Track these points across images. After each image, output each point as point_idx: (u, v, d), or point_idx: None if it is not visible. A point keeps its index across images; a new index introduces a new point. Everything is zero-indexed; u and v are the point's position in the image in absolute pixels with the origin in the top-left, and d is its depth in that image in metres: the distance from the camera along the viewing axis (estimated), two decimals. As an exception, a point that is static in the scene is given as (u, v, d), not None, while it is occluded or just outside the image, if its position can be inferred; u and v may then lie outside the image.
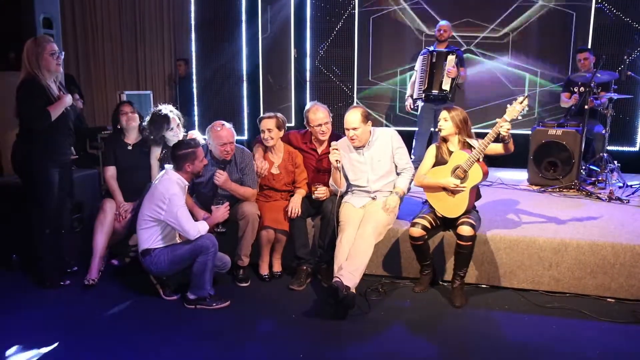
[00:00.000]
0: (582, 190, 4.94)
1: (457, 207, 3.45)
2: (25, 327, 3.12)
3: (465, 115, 3.53)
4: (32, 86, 3.31)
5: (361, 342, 2.96)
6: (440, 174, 3.49)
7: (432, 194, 3.57)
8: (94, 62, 7.68)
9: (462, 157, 3.40)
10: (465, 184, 3.39)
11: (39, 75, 3.33)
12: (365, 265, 3.36)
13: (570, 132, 5.19)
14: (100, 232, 3.76)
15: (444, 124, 3.50)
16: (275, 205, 3.84)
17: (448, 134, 3.52)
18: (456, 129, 3.49)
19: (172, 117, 3.89)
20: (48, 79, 3.38)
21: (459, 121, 3.48)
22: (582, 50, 5.62)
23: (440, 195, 3.51)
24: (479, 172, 3.37)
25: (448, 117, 3.49)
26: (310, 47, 7.25)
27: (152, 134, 3.90)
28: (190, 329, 3.10)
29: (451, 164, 3.45)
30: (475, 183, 3.41)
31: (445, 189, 3.46)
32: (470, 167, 3.36)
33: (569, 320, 3.20)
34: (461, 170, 3.38)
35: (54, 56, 3.36)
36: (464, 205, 3.41)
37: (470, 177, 3.38)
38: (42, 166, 3.46)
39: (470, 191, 3.41)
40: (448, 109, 3.54)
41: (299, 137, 4.07)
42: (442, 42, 5.72)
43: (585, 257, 3.47)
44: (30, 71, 3.32)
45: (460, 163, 3.39)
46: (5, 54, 4.13)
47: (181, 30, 7.52)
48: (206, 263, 3.27)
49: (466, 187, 3.39)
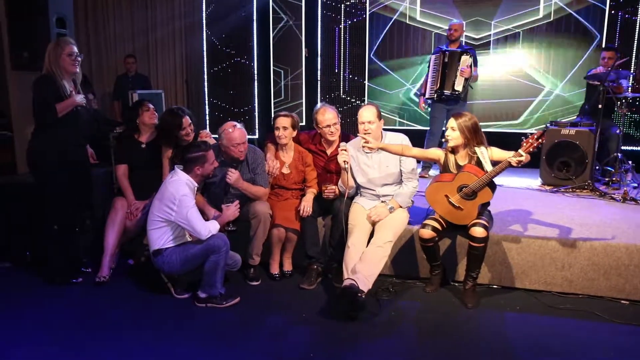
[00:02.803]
0: (596, 191, 4.89)
1: (464, 218, 3.40)
2: (36, 323, 3.15)
3: (475, 121, 3.37)
4: (46, 82, 3.43)
5: (371, 342, 2.95)
6: (445, 189, 3.41)
7: (437, 205, 3.47)
8: (106, 61, 7.74)
9: (469, 178, 3.29)
10: (473, 202, 3.33)
11: (56, 74, 3.44)
12: (379, 271, 3.35)
13: (584, 132, 5.14)
14: (112, 230, 3.79)
15: (452, 133, 3.37)
16: (286, 204, 3.85)
17: (456, 145, 3.40)
18: (464, 139, 3.35)
19: (184, 117, 3.90)
20: (64, 79, 3.47)
21: (466, 129, 3.33)
22: (609, 49, 5.52)
23: (446, 206, 3.42)
24: (489, 195, 3.32)
25: (456, 125, 3.35)
26: (321, 46, 7.25)
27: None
28: (201, 327, 3.11)
29: (457, 182, 3.35)
30: (483, 202, 3.37)
31: (450, 202, 3.39)
32: (479, 190, 3.30)
33: (581, 321, 3.16)
34: (469, 190, 3.30)
35: (71, 57, 3.47)
36: (473, 217, 3.36)
37: (479, 197, 3.32)
38: (52, 165, 3.52)
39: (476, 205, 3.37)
40: (456, 116, 3.39)
41: (309, 138, 4.07)
42: (453, 41, 5.67)
43: (598, 258, 3.43)
44: (49, 69, 3.45)
45: (469, 184, 3.29)
46: (20, 54, 4.18)
47: (192, 29, 7.55)
48: (218, 262, 3.28)
49: (473, 203, 3.33)
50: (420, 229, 3.44)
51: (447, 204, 3.41)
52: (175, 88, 7.72)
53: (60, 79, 3.44)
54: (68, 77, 3.50)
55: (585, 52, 6.36)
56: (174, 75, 7.72)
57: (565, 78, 6.51)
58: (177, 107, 3.97)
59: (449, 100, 5.59)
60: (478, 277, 3.45)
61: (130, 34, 7.69)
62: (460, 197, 3.35)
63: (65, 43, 3.48)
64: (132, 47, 7.66)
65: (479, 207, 3.36)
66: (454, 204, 3.37)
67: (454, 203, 3.37)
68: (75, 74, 3.55)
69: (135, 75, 7.06)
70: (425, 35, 6.89)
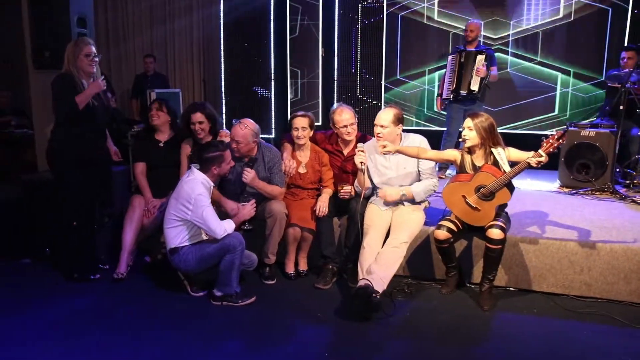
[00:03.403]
0: (616, 193, 4.81)
1: (482, 219, 3.36)
2: (53, 319, 3.19)
3: (491, 122, 3.35)
4: (65, 79, 3.51)
5: (386, 343, 2.94)
6: (463, 190, 3.38)
7: (454, 206, 3.45)
8: (125, 60, 7.82)
9: (487, 179, 3.27)
10: (491, 202, 3.31)
11: (74, 73, 3.51)
12: (395, 272, 3.34)
13: (604, 133, 5.05)
14: (129, 228, 3.83)
15: (469, 133, 3.36)
16: (302, 204, 3.86)
17: (473, 145, 3.37)
18: (480, 138, 3.33)
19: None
20: (82, 78, 3.54)
21: (483, 130, 3.31)
22: (629, 49, 5.42)
23: (463, 207, 3.40)
24: (507, 196, 3.29)
25: (472, 125, 3.33)
26: (338, 46, 7.24)
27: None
28: (216, 325, 3.13)
29: (475, 182, 3.32)
30: (501, 203, 3.34)
31: (468, 202, 3.36)
32: (497, 191, 3.27)
33: (600, 326, 3.12)
34: (487, 190, 3.28)
35: (88, 58, 3.53)
36: (490, 218, 3.33)
37: (497, 197, 3.29)
38: (71, 162, 3.58)
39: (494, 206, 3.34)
40: (472, 116, 3.38)
41: (325, 137, 4.07)
42: (471, 42, 5.62)
43: (618, 262, 3.38)
44: (68, 68, 3.52)
45: (487, 184, 3.26)
46: (42, 54, 4.25)
47: (210, 29, 7.59)
48: (233, 261, 3.30)
49: (491, 204, 3.31)
50: (435, 229, 3.42)
51: (464, 205, 3.38)
52: (193, 87, 7.78)
53: (78, 78, 3.51)
54: (86, 77, 3.56)
55: (606, 52, 6.26)
56: (191, 74, 7.78)
57: (585, 78, 6.42)
58: (198, 103, 4.00)
59: (465, 100, 5.55)
60: (495, 280, 3.43)
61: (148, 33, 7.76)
62: (477, 197, 3.32)
63: (84, 43, 3.54)
64: (151, 47, 7.73)
65: (496, 208, 3.33)
66: (471, 204, 3.35)
67: (471, 204, 3.35)
68: (93, 74, 3.60)
69: (153, 74, 7.15)
70: (443, 35, 6.84)
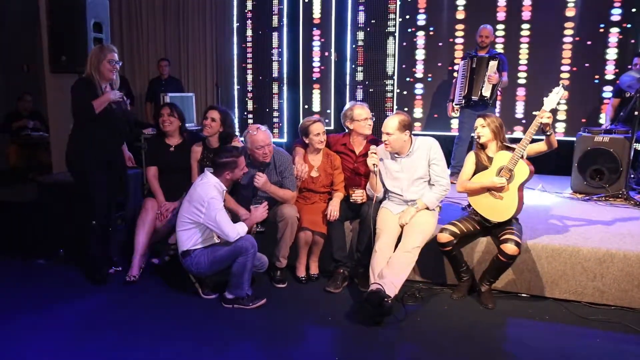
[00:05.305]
0: (630, 200, 4.77)
1: (507, 209, 3.40)
2: (65, 320, 3.22)
3: (501, 122, 3.54)
4: (85, 82, 3.60)
5: (396, 348, 2.94)
6: (484, 177, 3.46)
7: (478, 200, 3.51)
8: (138, 64, 7.91)
9: (504, 157, 3.40)
10: (512, 184, 3.35)
11: (95, 77, 3.60)
12: (406, 276, 3.34)
13: (619, 139, 5.01)
14: (142, 231, 3.86)
15: (482, 130, 3.52)
16: (313, 208, 3.87)
17: (487, 140, 3.52)
18: (493, 135, 3.50)
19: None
20: (102, 82, 3.63)
21: (494, 127, 3.50)
22: None
23: (486, 200, 3.46)
24: (525, 169, 3.35)
25: (485, 123, 3.51)
26: (350, 51, 7.27)
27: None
28: (227, 328, 3.14)
29: (495, 167, 3.43)
30: (522, 181, 3.37)
31: (492, 192, 3.43)
32: (515, 165, 3.34)
33: (613, 333, 3.09)
34: (506, 170, 3.36)
35: (111, 64, 3.61)
36: (514, 207, 3.37)
37: (516, 175, 3.36)
38: (89, 164, 3.64)
39: (518, 191, 3.36)
40: (483, 116, 3.56)
41: (339, 138, 4.09)
42: (483, 47, 5.60)
43: (632, 268, 3.35)
44: (89, 71, 3.61)
45: (504, 163, 3.37)
46: (58, 58, 4.32)
47: (223, 33, 7.65)
48: (245, 264, 3.32)
49: (513, 186, 3.35)
50: (438, 232, 3.44)
51: (487, 195, 3.45)
52: (206, 91, 7.84)
53: (98, 82, 3.58)
54: (106, 82, 3.64)
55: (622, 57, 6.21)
56: (204, 78, 7.84)
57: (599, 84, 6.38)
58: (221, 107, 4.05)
59: (477, 105, 5.53)
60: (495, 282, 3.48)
61: (162, 38, 7.84)
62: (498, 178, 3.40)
63: (109, 50, 3.64)
64: (164, 51, 7.82)
65: (518, 194, 3.36)
66: (495, 191, 3.41)
67: (494, 191, 3.41)
68: (113, 80, 3.68)
69: (168, 78, 7.22)
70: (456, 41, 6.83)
